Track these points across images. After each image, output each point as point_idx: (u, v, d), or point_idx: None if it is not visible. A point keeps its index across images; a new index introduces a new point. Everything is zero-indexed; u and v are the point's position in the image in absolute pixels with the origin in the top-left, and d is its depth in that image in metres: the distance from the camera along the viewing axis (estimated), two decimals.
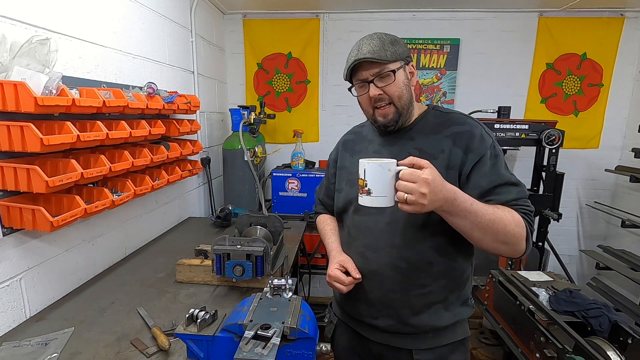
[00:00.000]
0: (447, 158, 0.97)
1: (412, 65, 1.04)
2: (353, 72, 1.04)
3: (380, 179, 0.82)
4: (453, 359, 1.08)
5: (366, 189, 0.83)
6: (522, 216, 0.91)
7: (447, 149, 0.98)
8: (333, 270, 1.06)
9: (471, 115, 1.10)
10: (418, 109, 1.08)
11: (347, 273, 1.05)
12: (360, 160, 0.84)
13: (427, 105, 1.11)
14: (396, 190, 0.81)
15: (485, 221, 0.86)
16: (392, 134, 1.07)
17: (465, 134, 0.98)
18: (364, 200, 0.84)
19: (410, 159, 0.81)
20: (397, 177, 0.81)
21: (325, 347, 0.92)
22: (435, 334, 1.06)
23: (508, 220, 0.88)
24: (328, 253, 1.20)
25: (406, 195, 0.78)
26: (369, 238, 1.06)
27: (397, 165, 0.82)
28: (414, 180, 0.78)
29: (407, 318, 1.04)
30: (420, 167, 0.80)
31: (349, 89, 1.10)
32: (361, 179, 0.84)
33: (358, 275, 1.04)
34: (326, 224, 1.31)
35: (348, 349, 1.21)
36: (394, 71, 0.97)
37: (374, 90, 0.99)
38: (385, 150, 1.07)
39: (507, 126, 2.44)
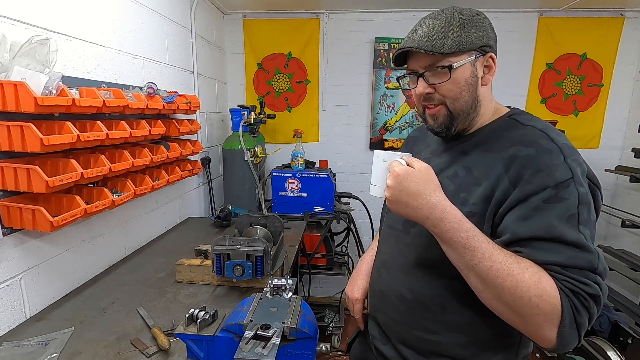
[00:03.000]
0: (491, 187, 0.74)
1: (490, 57, 0.79)
2: (407, 57, 0.84)
3: (376, 168, 0.82)
4: None
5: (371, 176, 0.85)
6: (561, 291, 0.63)
7: (495, 175, 0.74)
8: (348, 297, 1.11)
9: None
10: (493, 113, 0.85)
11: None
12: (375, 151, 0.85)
13: (509, 108, 0.87)
14: None
15: (484, 267, 0.66)
16: (450, 140, 0.87)
17: (524, 160, 0.71)
18: (370, 189, 0.85)
19: (397, 161, 0.76)
20: None
21: (325, 347, 0.91)
22: None
23: (525, 283, 0.64)
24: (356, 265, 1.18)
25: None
26: (388, 255, 0.96)
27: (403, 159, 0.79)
28: (390, 171, 0.75)
29: (408, 357, 0.89)
30: None
31: (398, 79, 0.90)
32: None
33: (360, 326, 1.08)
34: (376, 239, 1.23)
35: None
36: (450, 67, 0.75)
37: (422, 87, 0.80)
38: (433, 160, 0.88)
39: None
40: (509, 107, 0.89)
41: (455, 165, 0.83)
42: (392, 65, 0.93)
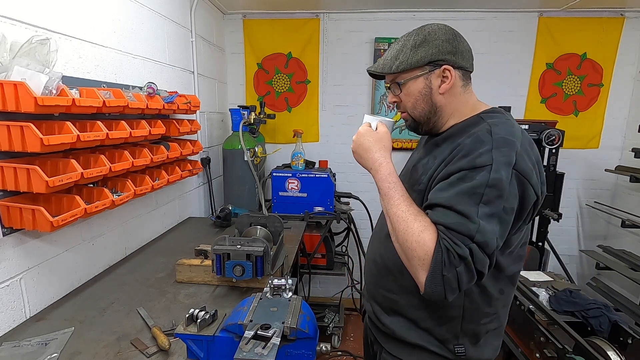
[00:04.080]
0: (435, 168, 0.89)
1: (446, 69, 0.89)
2: None
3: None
4: None
5: None
6: (438, 244, 0.75)
7: (441, 159, 0.88)
8: None
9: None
10: (471, 111, 0.94)
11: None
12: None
13: (487, 108, 0.96)
14: None
15: (392, 212, 0.84)
16: (430, 136, 1.02)
17: (460, 147, 0.84)
18: None
19: (367, 121, 0.98)
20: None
21: (325, 347, 0.92)
22: (400, 344, 1.00)
23: (413, 230, 0.78)
24: None
25: None
26: (375, 228, 1.14)
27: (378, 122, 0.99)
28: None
29: (377, 313, 1.06)
30: None
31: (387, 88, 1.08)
32: None
33: None
34: None
35: (364, 326, 1.26)
36: (398, 84, 0.94)
37: (390, 97, 1.01)
38: (418, 151, 1.08)
39: None
40: (500, 107, 0.98)
41: (429, 155, 0.97)
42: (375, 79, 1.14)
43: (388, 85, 0.99)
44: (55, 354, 1.01)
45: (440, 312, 0.94)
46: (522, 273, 2.07)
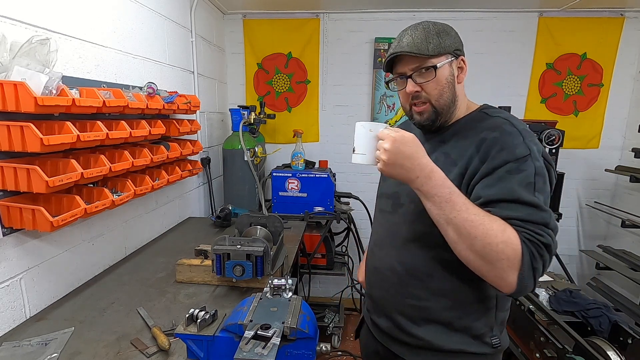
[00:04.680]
0: (465, 166, 0.87)
1: (462, 60, 0.93)
2: (394, 64, 0.96)
3: (361, 138, 0.88)
4: None
5: (354, 146, 0.90)
6: (522, 240, 0.74)
7: (467, 156, 0.87)
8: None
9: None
10: (466, 108, 0.98)
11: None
12: (356, 123, 0.90)
13: (482, 105, 1.00)
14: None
15: (461, 219, 0.76)
16: (431, 132, 0.99)
17: (491, 141, 0.85)
18: (352, 158, 0.90)
19: (390, 128, 0.83)
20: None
21: (325, 347, 0.92)
22: (434, 354, 0.96)
23: (494, 232, 0.74)
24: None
25: (377, 151, 0.83)
26: (379, 235, 1.08)
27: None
28: (384, 138, 0.81)
29: (403, 325, 0.99)
30: None
31: (387, 82, 1.02)
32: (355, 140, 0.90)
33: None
34: None
35: (364, 347, 1.20)
36: (435, 67, 0.88)
37: (411, 87, 0.91)
38: None
39: None
40: (500, 107, 1.00)
41: (436, 152, 0.94)
42: (384, 70, 1.01)
43: (409, 72, 0.91)
44: (55, 354, 1.01)
45: (476, 307, 0.93)
46: None
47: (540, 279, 2.02)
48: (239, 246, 1.30)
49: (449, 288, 0.92)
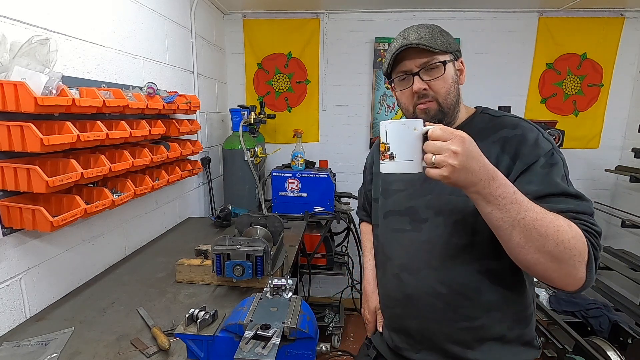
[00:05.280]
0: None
1: (461, 62, 0.91)
2: (395, 64, 0.89)
3: (404, 140, 0.70)
4: None
5: (389, 153, 0.71)
6: (584, 233, 0.71)
7: (494, 157, 0.82)
8: (364, 314, 1.14)
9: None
10: (465, 112, 0.94)
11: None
12: (380, 122, 0.73)
13: (475, 108, 0.97)
14: (424, 153, 0.69)
15: (530, 219, 0.68)
16: None
17: (515, 139, 0.83)
18: (387, 167, 0.72)
19: (441, 126, 0.69)
20: (425, 138, 0.70)
21: (325, 347, 0.91)
22: None
23: (564, 227, 0.69)
24: (363, 278, 1.21)
25: (434, 156, 0.66)
26: (405, 258, 0.96)
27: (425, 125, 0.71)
28: (446, 138, 0.66)
29: (457, 353, 0.91)
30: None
31: (388, 84, 0.97)
32: (383, 142, 0.72)
33: (380, 329, 1.08)
34: (367, 240, 1.22)
35: None
36: (444, 62, 0.84)
37: (418, 84, 0.85)
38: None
39: None
40: (500, 107, 0.98)
41: None
42: (385, 70, 0.93)
43: (416, 69, 0.85)
44: (55, 354, 1.01)
45: (522, 314, 0.91)
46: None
47: None
48: (239, 246, 1.30)
49: (498, 299, 0.88)
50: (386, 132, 0.72)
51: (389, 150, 0.71)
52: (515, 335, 0.90)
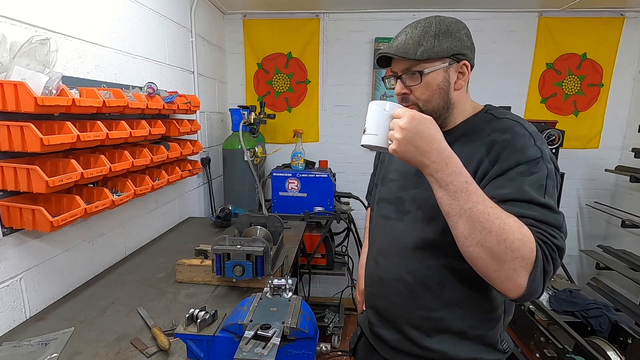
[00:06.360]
0: (474, 169, 0.83)
1: (464, 64, 0.87)
2: (390, 61, 0.92)
3: (374, 117, 0.81)
4: None
5: (364, 127, 0.83)
6: (537, 241, 0.70)
7: (477, 159, 0.84)
8: (355, 295, 1.22)
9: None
10: (471, 110, 0.94)
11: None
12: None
13: (484, 106, 0.96)
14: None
15: (477, 210, 0.70)
16: None
17: (501, 143, 0.81)
18: (362, 140, 0.83)
19: (406, 108, 0.78)
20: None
21: (325, 347, 0.92)
22: None
23: (511, 228, 0.69)
24: (359, 261, 1.29)
25: (391, 131, 0.76)
26: (383, 243, 1.02)
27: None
28: (401, 116, 0.75)
29: (414, 338, 0.95)
30: None
31: (383, 79, 0.97)
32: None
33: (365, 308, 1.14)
34: (368, 225, 1.25)
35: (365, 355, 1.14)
36: (421, 72, 0.84)
37: (399, 88, 0.89)
38: None
39: None
40: (500, 107, 0.95)
41: None
42: (376, 66, 0.98)
43: (399, 73, 0.88)
44: (55, 354, 1.01)
45: (488, 316, 0.91)
46: None
47: None
48: (239, 246, 1.30)
49: (461, 297, 0.89)
50: (367, 110, 0.83)
51: (365, 125, 0.83)
52: (476, 335, 0.91)
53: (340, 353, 2.68)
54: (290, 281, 1.04)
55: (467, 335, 0.91)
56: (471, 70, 0.90)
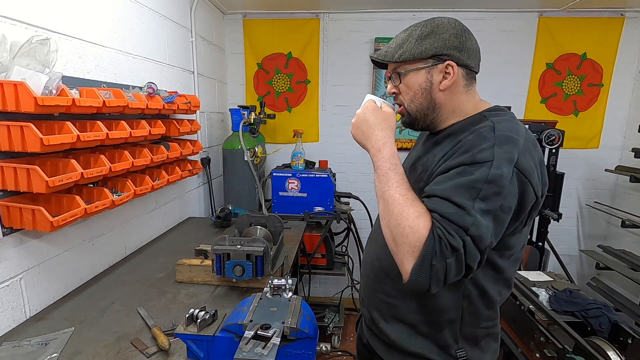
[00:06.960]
0: (438, 166, 0.85)
1: (449, 65, 0.86)
2: None
3: (362, 106, 0.96)
4: None
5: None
6: (431, 233, 0.72)
7: (441, 156, 0.86)
8: None
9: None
10: (473, 109, 0.91)
11: None
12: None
13: (491, 106, 0.93)
14: None
15: (389, 194, 0.79)
16: (431, 133, 0.99)
17: (462, 143, 0.81)
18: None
19: (380, 101, 0.92)
20: None
21: (325, 347, 0.92)
22: (400, 354, 0.97)
23: (409, 215, 0.75)
24: None
25: None
26: (372, 230, 1.12)
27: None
28: (362, 105, 0.92)
29: (376, 320, 1.01)
30: None
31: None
32: None
33: None
34: None
35: (358, 337, 1.22)
36: (399, 74, 0.91)
37: (389, 87, 0.97)
38: (417, 151, 1.04)
39: None
40: (493, 106, 0.94)
41: (429, 153, 0.94)
42: (375, 67, 1.05)
43: (389, 75, 0.96)
44: (55, 354, 1.01)
45: (439, 316, 0.91)
46: (522, 273, 2.07)
47: (541, 279, 2.01)
48: (239, 246, 1.30)
49: (415, 291, 0.91)
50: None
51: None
52: (426, 331, 0.94)
53: (340, 353, 2.68)
54: (290, 281, 1.04)
55: (418, 329, 0.94)
56: (471, 71, 0.89)
